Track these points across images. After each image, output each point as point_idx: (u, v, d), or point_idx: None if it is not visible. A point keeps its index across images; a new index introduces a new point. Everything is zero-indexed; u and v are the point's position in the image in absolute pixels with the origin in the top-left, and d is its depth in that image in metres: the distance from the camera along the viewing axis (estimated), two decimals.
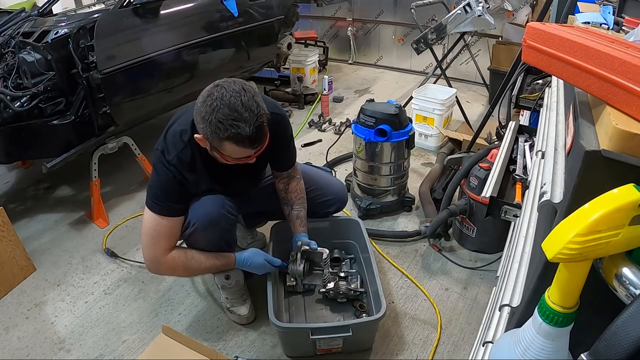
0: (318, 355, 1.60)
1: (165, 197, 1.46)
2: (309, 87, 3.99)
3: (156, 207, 1.46)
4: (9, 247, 1.94)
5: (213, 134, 1.29)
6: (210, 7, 2.87)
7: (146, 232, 1.49)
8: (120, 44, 2.27)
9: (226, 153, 1.36)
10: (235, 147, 1.32)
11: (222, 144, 1.32)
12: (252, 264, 1.64)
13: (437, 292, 1.90)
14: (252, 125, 1.27)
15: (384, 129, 2.14)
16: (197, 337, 1.69)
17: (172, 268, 1.54)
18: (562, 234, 0.54)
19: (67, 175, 2.79)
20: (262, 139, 1.34)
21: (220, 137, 1.28)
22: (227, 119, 1.25)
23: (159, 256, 1.50)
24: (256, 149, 1.36)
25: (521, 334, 0.68)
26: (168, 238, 1.50)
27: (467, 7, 2.86)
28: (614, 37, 0.95)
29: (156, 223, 1.47)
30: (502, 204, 1.42)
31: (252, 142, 1.31)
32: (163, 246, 1.49)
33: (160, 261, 1.51)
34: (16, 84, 2.08)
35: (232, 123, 1.25)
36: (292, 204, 1.74)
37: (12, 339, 1.74)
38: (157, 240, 1.49)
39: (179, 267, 1.54)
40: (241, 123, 1.25)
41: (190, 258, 1.54)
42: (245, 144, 1.31)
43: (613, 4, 1.62)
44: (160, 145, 1.47)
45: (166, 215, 1.47)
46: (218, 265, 1.60)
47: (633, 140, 0.59)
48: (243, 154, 1.37)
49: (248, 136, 1.27)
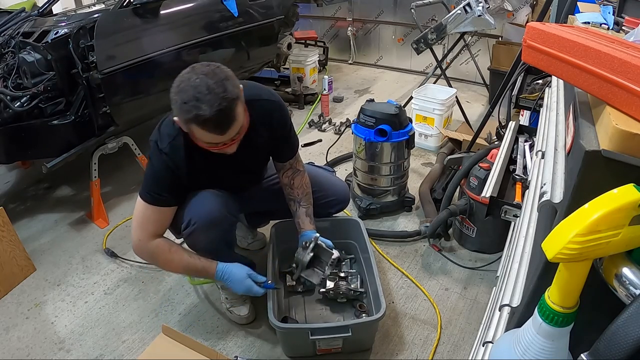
0: (318, 356, 1.60)
1: (155, 186, 1.47)
2: (309, 87, 4.00)
3: (146, 196, 1.48)
4: (9, 247, 1.94)
5: (179, 116, 1.28)
6: (210, 7, 2.87)
7: (135, 217, 1.53)
8: (120, 44, 2.27)
9: (197, 137, 1.33)
10: (201, 131, 1.28)
11: (190, 127, 1.30)
12: (232, 277, 1.55)
13: (437, 292, 1.90)
14: (213, 108, 1.22)
15: (384, 129, 2.14)
16: (197, 337, 1.69)
17: (153, 256, 1.55)
18: (562, 234, 0.54)
19: (67, 175, 2.79)
20: (227, 123, 1.28)
21: (185, 119, 1.27)
22: (190, 100, 1.23)
23: (143, 240, 1.51)
24: (224, 133, 1.29)
25: (521, 334, 0.68)
26: (154, 225, 1.51)
27: (467, 7, 2.86)
28: (614, 37, 0.95)
29: (144, 210, 1.49)
30: (502, 204, 1.42)
31: (215, 125, 1.26)
32: (149, 231, 1.51)
33: (142, 246, 1.52)
34: (16, 84, 2.08)
35: (194, 104, 1.22)
36: (299, 200, 1.72)
37: (12, 339, 1.74)
38: (144, 225, 1.51)
39: (160, 257, 1.54)
40: (202, 104, 1.22)
41: (173, 252, 1.54)
42: (209, 128, 1.26)
43: (613, 4, 1.62)
44: (154, 136, 1.47)
45: (154, 204, 1.48)
46: (198, 269, 1.57)
47: (633, 140, 0.59)
48: (213, 139, 1.31)
49: (208, 118, 1.23)
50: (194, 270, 1.61)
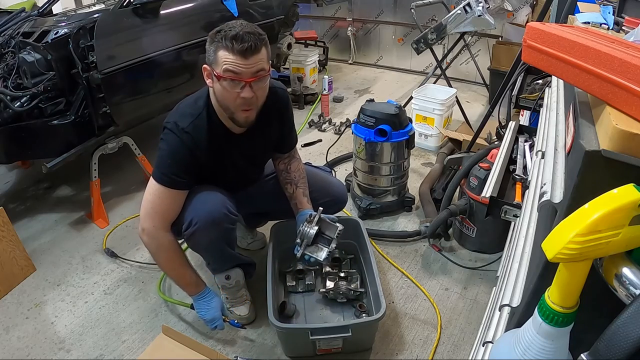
0: (318, 356, 1.60)
1: (174, 168, 1.46)
2: (309, 87, 4.00)
3: (163, 179, 1.47)
4: (9, 247, 1.94)
5: (210, 45, 1.35)
6: (210, 7, 2.87)
7: (149, 201, 1.50)
8: (120, 44, 2.27)
9: (219, 67, 1.35)
10: (225, 53, 1.32)
11: (216, 55, 1.34)
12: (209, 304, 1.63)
13: (437, 292, 1.90)
14: (242, 29, 1.32)
15: (384, 129, 2.14)
16: (197, 337, 1.69)
17: (161, 248, 1.54)
18: (562, 234, 0.54)
19: (67, 175, 2.79)
20: (253, 46, 1.33)
21: (215, 42, 1.34)
22: (224, 27, 1.34)
23: (158, 227, 1.51)
24: (248, 57, 1.33)
25: (521, 334, 0.68)
26: (170, 211, 1.51)
27: (467, 7, 2.86)
28: (614, 37, 0.95)
29: (161, 194, 1.48)
30: (502, 204, 1.42)
31: (241, 44, 1.30)
32: (164, 218, 1.51)
33: (155, 234, 1.51)
34: (16, 84, 2.08)
35: (226, 28, 1.33)
36: (297, 182, 1.73)
37: (12, 339, 1.74)
38: (160, 211, 1.50)
39: (167, 252, 1.55)
40: (234, 28, 1.33)
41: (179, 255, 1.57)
42: (236, 47, 1.31)
43: (613, 4, 1.62)
44: (172, 117, 1.48)
45: (172, 187, 1.48)
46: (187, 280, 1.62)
47: (633, 140, 0.59)
48: (234, 63, 1.33)
49: (235, 34, 1.30)
50: (183, 279, 1.63)
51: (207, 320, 1.64)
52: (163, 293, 1.89)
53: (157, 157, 1.50)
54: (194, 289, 1.63)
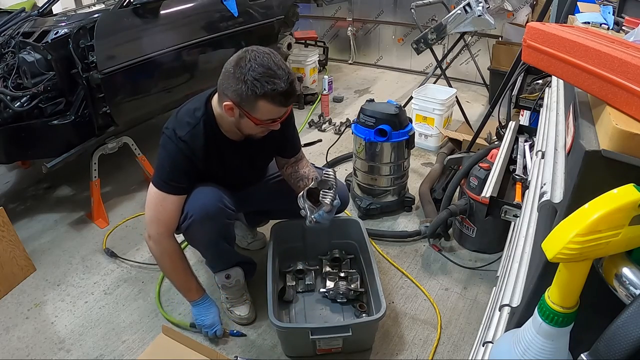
0: (318, 355, 1.60)
1: (174, 174, 1.48)
2: (309, 87, 3.99)
3: (165, 186, 1.48)
4: (9, 247, 1.94)
5: (249, 93, 1.31)
6: (210, 7, 2.87)
7: (152, 209, 1.52)
8: (120, 44, 2.27)
9: (258, 115, 1.37)
10: (269, 106, 1.35)
11: (257, 104, 1.34)
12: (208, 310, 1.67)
13: (437, 292, 1.90)
14: (286, 81, 1.33)
15: (384, 129, 2.14)
16: (197, 337, 1.69)
17: (165, 255, 1.56)
18: (562, 234, 0.54)
19: (67, 175, 2.79)
20: (295, 94, 1.40)
21: (257, 94, 1.31)
22: (263, 76, 1.30)
23: (163, 234, 1.52)
24: (287, 106, 1.41)
25: (521, 334, 0.67)
26: (172, 217, 1.52)
27: (467, 7, 2.86)
28: (614, 37, 0.95)
29: (162, 202, 1.49)
30: (502, 204, 1.42)
31: (287, 97, 1.36)
32: (167, 225, 1.52)
33: (161, 241, 1.53)
34: (16, 84, 2.08)
35: (268, 80, 1.30)
36: (307, 175, 1.69)
37: (12, 339, 1.74)
38: (163, 218, 1.51)
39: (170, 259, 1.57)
40: (276, 80, 1.31)
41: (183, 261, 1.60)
42: (280, 101, 1.35)
43: (613, 4, 1.62)
44: (171, 124, 1.49)
45: (174, 193, 1.49)
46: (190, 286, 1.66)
47: (633, 140, 0.59)
48: (276, 114, 1.40)
49: (284, 91, 1.33)
50: (185, 284, 1.65)
51: (206, 325, 1.66)
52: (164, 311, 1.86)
53: (157, 163, 1.52)
54: (194, 295, 1.67)
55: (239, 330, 1.72)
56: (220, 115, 1.48)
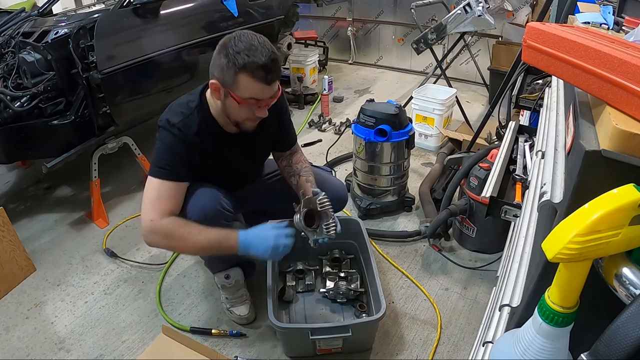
0: (318, 356, 1.60)
1: (170, 160, 1.44)
2: (309, 87, 4.00)
3: (159, 172, 1.44)
4: (9, 247, 1.94)
5: (229, 66, 1.32)
6: (210, 7, 2.87)
7: (146, 198, 1.44)
8: (120, 44, 2.27)
9: (240, 92, 1.35)
10: (249, 80, 1.33)
11: (237, 79, 1.33)
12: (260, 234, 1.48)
13: (437, 292, 1.90)
14: (266, 56, 1.32)
15: (384, 129, 2.14)
16: (197, 337, 1.69)
17: (168, 233, 1.41)
18: (562, 234, 0.54)
19: (67, 175, 2.79)
20: (276, 73, 1.37)
21: (237, 66, 1.31)
22: (244, 50, 1.31)
23: (156, 219, 1.41)
24: (270, 84, 1.37)
25: (521, 334, 0.67)
26: (169, 203, 1.44)
27: (467, 7, 2.86)
28: (614, 37, 0.95)
29: (158, 187, 1.44)
30: (502, 204, 1.42)
31: (266, 72, 1.33)
32: (162, 208, 1.42)
33: (156, 226, 1.40)
34: (16, 84, 2.08)
35: (248, 53, 1.31)
36: (299, 172, 1.71)
37: (12, 339, 1.74)
38: (156, 202, 1.43)
39: (176, 233, 1.42)
40: (257, 53, 1.31)
41: (190, 225, 1.44)
42: (260, 76, 1.33)
43: (613, 4, 1.62)
44: (164, 116, 1.48)
45: (169, 179, 1.44)
46: (219, 238, 1.45)
47: (633, 140, 0.59)
48: (258, 92, 1.36)
49: (263, 64, 1.31)
50: (214, 242, 1.45)
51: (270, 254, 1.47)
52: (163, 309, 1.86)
53: (153, 156, 1.48)
54: (229, 240, 1.47)
55: (239, 330, 1.72)
56: (214, 107, 1.49)
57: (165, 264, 2.07)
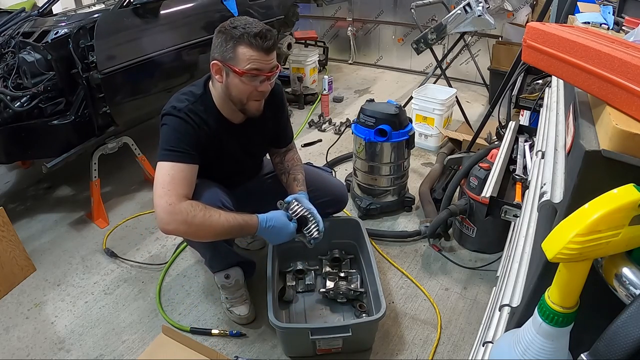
0: (318, 356, 1.60)
1: (179, 142, 1.43)
2: (309, 87, 4.00)
3: (170, 155, 1.41)
4: (9, 247, 1.94)
5: (228, 39, 1.38)
6: (210, 7, 2.87)
7: (159, 183, 1.39)
8: (120, 44, 2.27)
9: (240, 64, 1.39)
10: (248, 50, 1.38)
11: (236, 51, 1.38)
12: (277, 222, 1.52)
13: (437, 292, 1.90)
14: (261, 27, 1.39)
15: (384, 129, 2.14)
16: (197, 337, 1.69)
17: (189, 219, 1.36)
18: (562, 234, 0.54)
19: (67, 175, 2.79)
20: (272, 40, 1.41)
21: (234, 38, 1.37)
22: (239, 25, 1.38)
23: (175, 203, 1.35)
24: (269, 53, 1.41)
25: (521, 334, 0.67)
26: (183, 185, 1.40)
27: (467, 7, 2.86)
28: (614, 37, 0.95)
29: (171, 170, 1.40)
30: (502, 204, 1.42)
31: (263, 39, 1.37)
32: (178, 192, 1.38)
33: (175, 209, 1.35)
34: (16, 84, 2.08)
35: (244, 26, 1.38)
36: (289, 170, 1.75)
37: (12, 339, 1.74)
38: (172, 185, 1.38)
39: (197, 217, 1.36)
40: (251, 25, 1.38)
41: (210, 209, 1.40)
42: (257, 44, 1.37)
43: (613, 4, 1.62)
44: (169, 105, 1.49)
45: (181, 161, 1.41)
46: (239, 222, 1.45)
47: (633, 140, 0.59)
48: (258, 61, 1.40)
49: (259, 31, 1.36)
50: (234, 224, 1.44)
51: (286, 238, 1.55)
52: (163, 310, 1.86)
53: (161, 141, 1.44)
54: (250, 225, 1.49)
55: (239, 330, 1.72)
56: (217, 97, 1.51)
57: (165, 264, 2.07)
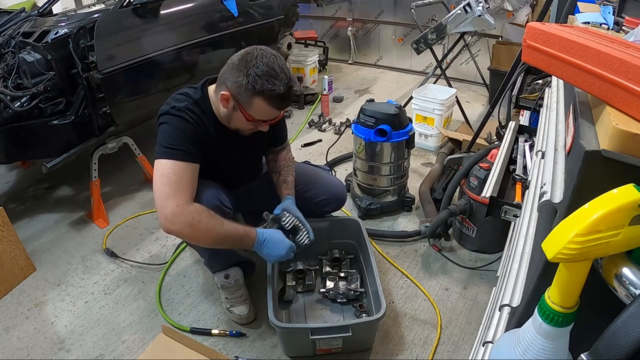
0: (318, 355, 1.60)
1: (182, 140, 1.40)
2: (309, 87, 3.99)
3: (173, 153, 1.37)
4: (9, 247, 1.94)
5: (248, 87, 1.35)
6: (210, 7, 2.87)
7: (165, 183, 1.36)
8: (120, 44, 2.27)
9: (252, 112, 1.41)
10: (264, 105, 1.38)
11: (252, 100, 1.38)
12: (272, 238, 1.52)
13: (437, 292, 1.90)
14: (285, 85, 1.37)
15: (384, 129, 2.14)
16: (197, 337, 1.69)
17: (194, 223, 1.35)
18: (562, 234, 0.54)
19: (67, 175, 2.79)
20: (290, 100, 1.45)
21: (256, 90, 1.35)
22: (264, 74, 1.34)
23: (183, 205, 1.34)
24: (281, 110, 1.45)
25: (521, 334, 0.67)
26: (189, 186, 1.39)
27: (467, 7, 2.86)
28: (614, 37, 0.95)
29: (176, 169, 1.37)
30: (502, 204, 1.42)
31: (282, 100, 1.40)
32: (186, 194, 1.37)
33: (183, 212, 1.34)
34: (16, 84, 2.08)
35: (269, 79, 1.35)
36: (280, 170, 1.78)
37: (12, 339, 1.74)
38: (179, 186, 1.36)
39: (202, 223, 1.36)
40: (277, 81, 1.36)
41: (214, 216, 1.40)
42: (275, 103, 1.39)
43: (613, 4, 1.62)
44: (167, 105, 1.48)
45: (185, 160, 1.39)
46: (239, 233, 1.47)
47: (633, 140, 0.59)
48: (269, 115, 1.43)
49: (281, 94, 1.37)
50: (234, 235, 1.46)
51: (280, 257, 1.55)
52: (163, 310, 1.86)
53: (160, 139, 1.42)
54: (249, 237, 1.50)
55: (239, 330, 1.72)
56: (216, 106, 1.51)
57: (165, 264, 2.07)
